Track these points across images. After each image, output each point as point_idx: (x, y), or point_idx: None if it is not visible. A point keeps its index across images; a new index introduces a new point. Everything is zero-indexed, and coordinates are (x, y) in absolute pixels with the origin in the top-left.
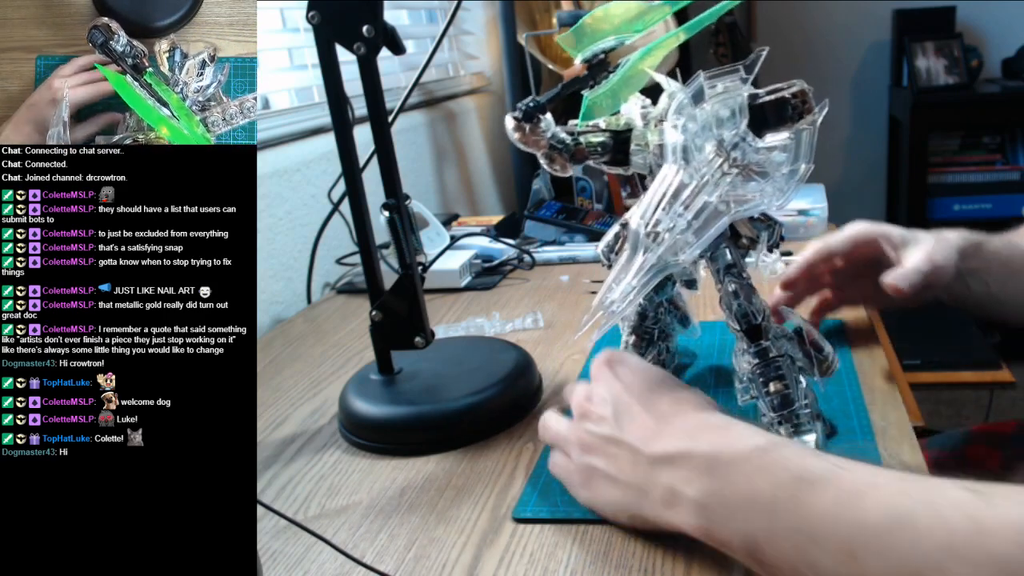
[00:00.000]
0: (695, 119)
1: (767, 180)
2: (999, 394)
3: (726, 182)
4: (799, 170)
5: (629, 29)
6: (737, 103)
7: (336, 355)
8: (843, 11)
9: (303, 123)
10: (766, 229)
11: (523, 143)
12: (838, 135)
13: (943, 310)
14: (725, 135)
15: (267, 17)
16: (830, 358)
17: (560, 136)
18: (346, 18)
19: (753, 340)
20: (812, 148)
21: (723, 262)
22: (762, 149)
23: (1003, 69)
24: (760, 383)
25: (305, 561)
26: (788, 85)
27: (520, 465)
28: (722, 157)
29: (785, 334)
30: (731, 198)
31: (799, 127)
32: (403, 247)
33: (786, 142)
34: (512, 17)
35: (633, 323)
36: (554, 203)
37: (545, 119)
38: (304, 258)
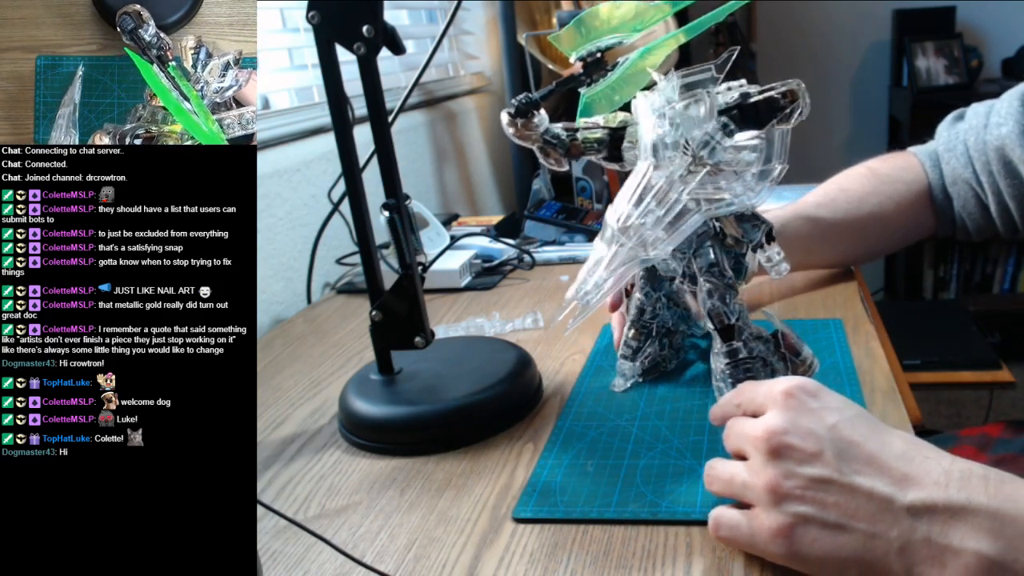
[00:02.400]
0: (664, 117)
1: (737, 179)
2: (999, 394)
3: (695, 180)
4: (773, 170)
5: (627, 28)
6: (706, 102)
7: (336, 355)
8: (843, 11)
9: (303, 123)
10: (753, 229)
11: (517, 137)
12: (838, 135)
13: (943, 310)
14: (695, 134)
15: (267, 17)
16: (808, 362)
17: (554, 131)
18: (346, 18)
19: (725, 340)
20: (786, 148)
21: (705, 260)
22: (730, 148)
23: (1003, 69)
24: (730, 383)
25: (305, 561)
26: (783, 84)
27: (520, 465)
28: (689, 155)
29: (761, 336)
30: (700, 196)
31: (782, 127)
32: (403, 247)
33: (756, 142)
34: (512, 17)
35: (632, 317)
36: (554, 203)
37: (539, 115)
38: (304, 258)
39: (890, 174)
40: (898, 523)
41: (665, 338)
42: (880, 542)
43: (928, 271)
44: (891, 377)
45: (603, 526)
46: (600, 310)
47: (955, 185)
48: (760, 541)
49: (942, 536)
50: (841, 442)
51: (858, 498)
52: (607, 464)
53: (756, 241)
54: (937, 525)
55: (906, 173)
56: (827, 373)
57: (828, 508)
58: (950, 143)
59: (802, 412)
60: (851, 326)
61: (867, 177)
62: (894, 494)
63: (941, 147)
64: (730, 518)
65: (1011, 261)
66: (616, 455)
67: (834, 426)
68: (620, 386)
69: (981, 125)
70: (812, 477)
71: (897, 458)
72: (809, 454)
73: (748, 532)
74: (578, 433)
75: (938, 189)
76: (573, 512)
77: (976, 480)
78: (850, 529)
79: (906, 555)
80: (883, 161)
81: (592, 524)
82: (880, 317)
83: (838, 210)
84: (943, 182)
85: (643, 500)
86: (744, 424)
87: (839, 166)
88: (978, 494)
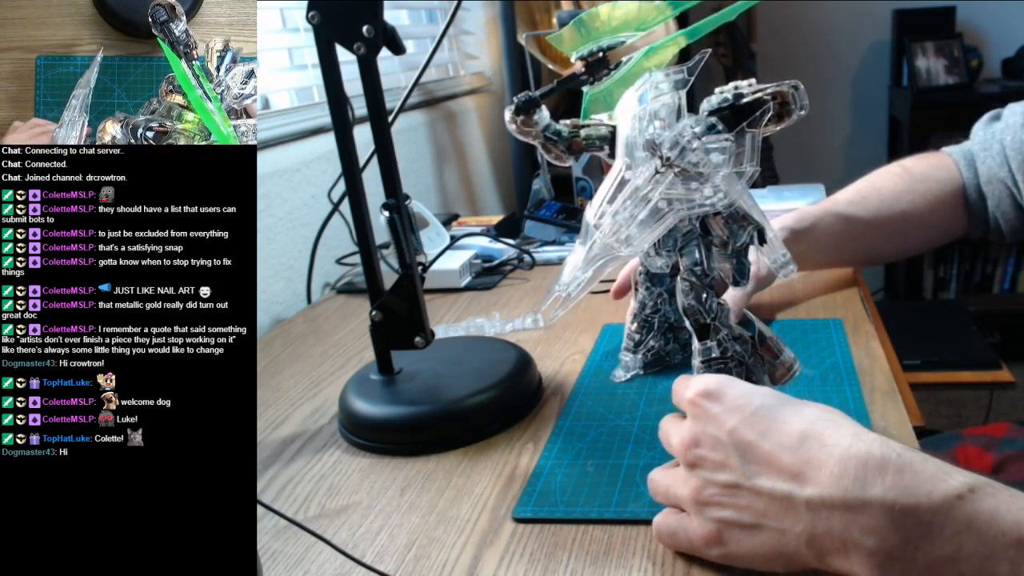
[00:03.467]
0: (636, 117)
1: (707, 181)
2: (999, 394)
3: (664, 181)
4: (744, 172)
5: (628, 29)
6: (675, 103)
7: (336, 355)
8: (843, 11)
9: (303, 123)
10: (740, 230)
11: (518, 133)
12: (838, 135)
13: (943, 310)
14: (664, 135)
15: (267, 17)
16: (787, 363)
17: (555, 128)
18: (346, 18)
19: (700, 339)
20: (757, 151)
21: (690, 260)
22: (699, 150)
23: (1003, 69)
24: None
25: (305, 561)
26: (776, 85)
27: (520, 465)
28: (656, 156)
29: (741, 337)
30: (672, 196)
31: (772, 128)
32: (403, 247)
33: (724, 144)
34: (512, 17)
35: (635, 310)
36: (554, 203)
37: (539, 112)
38: (304, 258)
39: (924, 173)
40: (800, 519)
41: (669, 332)
42: (790, 537)
43: (928, 271)
44: (891, 377)
45: (603, 526)
46: (600, 309)
47: (990, 184)
48: (696, 547)
49: (842, 530)
50: (741, 445)
51: (763, 498)
52: (607, 464)
53: (742, 243)
54: (836, 520)
55: (940, 172)
56: (827, 373)
57: (743, 511)
58: (986, 142)
59: (707, 420)
60: (851, 326)
61: (900, 176)
62: (792, 491)
63: (976, 147)
64: (668, 525)
65: (1011, 261)
66: (616, 455)
67: (733, 430)
68: (620, 377)
69: (1019, 124)
70: (724, 484)
71: (793, 450)
72: (718, 463)
73: (685, 538)
74: (578, 433)
75: (972, 189)
76: (573, 512)
77: (872, 471)
78: (764, 528)
79: (814, 547)
80: (917, 160)
81: (592, 524)
82: (880, 317)
83: (870, 208)
84: (978, 182)
85: (643, 500)
86: (669, 431)
87: (839, 166)
88: (874, 486)
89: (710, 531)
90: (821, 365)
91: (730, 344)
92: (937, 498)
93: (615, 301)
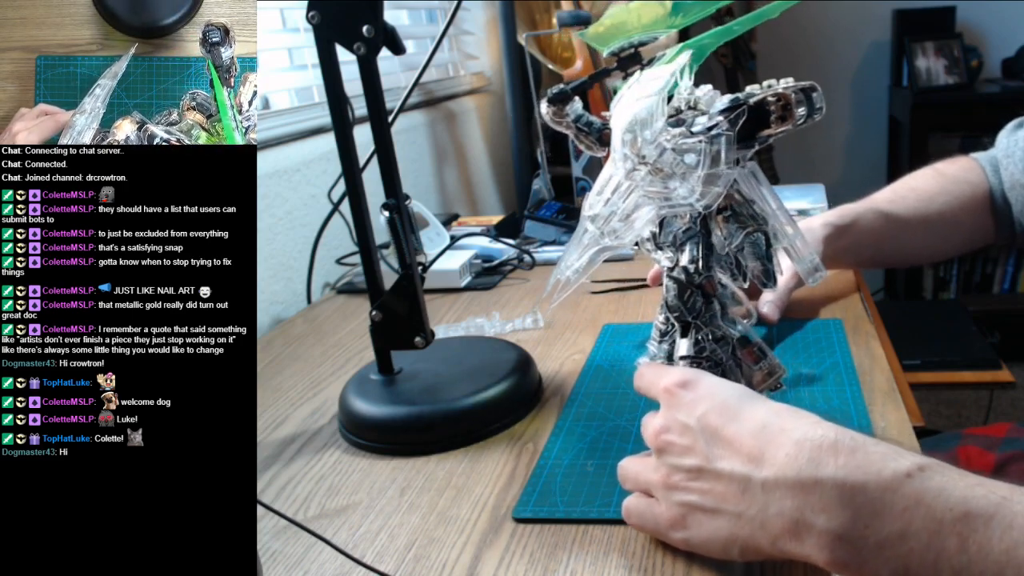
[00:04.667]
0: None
1: (683, 181)
2: (999, 394)
3: (638, 177)
4: (721, 175)
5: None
6: (655, 103)
7: (336, 355)
8: (843, 11)
9: (303, 123)
10: (741, 230)
11: (551, 122)
12: (838, 135)
13: (943, 310)
14: (645, 134)
15: (267, 17)
16: (766, 370)
17: (588, 119)
18: (346, 18)
19: (682, 335)
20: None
21: (687, 257)
22: (672, 151)
23: (1003, 69)
24: None
25: (305, 561)
26: (784, 87)
27: (520, 465)
28: (633, 154)
29: (722, 338)
30: (650, 193)
31: (782, 129)
32: (403, 247)
33: (698, 145)
34: (512, 17)
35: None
36: (554, 203)
37: (572, 104)
38: (304, 258)
39: (956, 175)
40: (755, 501)
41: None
42: (745, 520)
43: (928, 271)
44: (891, 377)
45: (603, 526)
46: (600, 309)
47: (1013, 190)
48: (663, 530)
49: (794, 510)
50: (707, 430)
51: (723, 481)
52: (607, 464)
53: (739, 244)
54: (789, 500)
55: (971, 174)
56: (827, 373)
57: (705, 495)
58: (1009, 149)
59: (679, 407)
60: (851, 326)
61: (934, 178)
62: (750, 472)
63: (1000, 153)
64: (636, 507)
65: (1011, 261)
66: (616, 455)
67: (702, 415)
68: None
69: None
70: (689, 468)
71: (755, 435)
72: (685, 447)
73: (653, 522)
74: (578, 433)
75: (998, 194)
76: (573, 512)
77: (826, 452)
78: (723, 512)
79: (767, 530)
80: (948, 164)
81: (592, 524)
82: (880, 317)
83: (908, 207)
84: (1002, 187)
85: None
86: (646, 423)
87: (839, 166)
88: (827, 466)
89: (675, 515)
90: (821, 365)
91: (708, 344)
92: (887, 476)
93: (615, 301)
